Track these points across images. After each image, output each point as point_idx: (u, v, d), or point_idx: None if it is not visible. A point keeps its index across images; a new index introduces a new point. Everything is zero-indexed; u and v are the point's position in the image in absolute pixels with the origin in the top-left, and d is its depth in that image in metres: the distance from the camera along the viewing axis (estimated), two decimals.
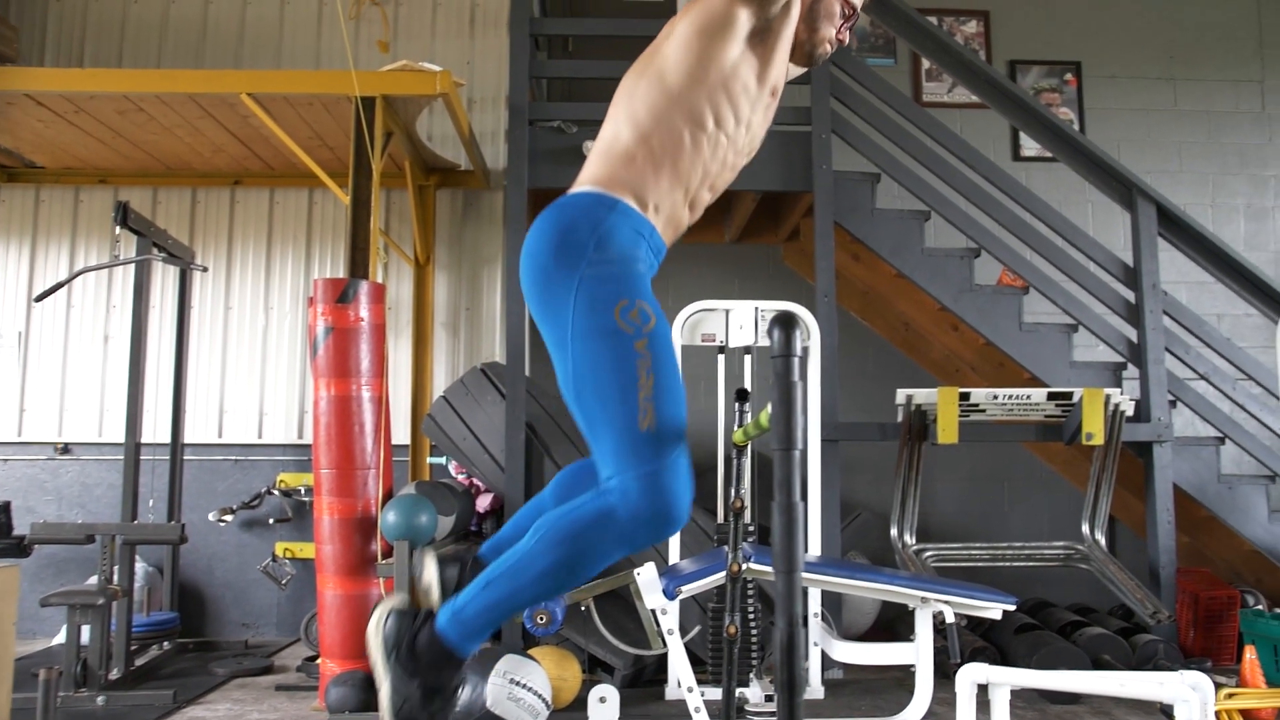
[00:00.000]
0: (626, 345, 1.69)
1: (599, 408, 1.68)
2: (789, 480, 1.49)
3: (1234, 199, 5.95)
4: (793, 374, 1.53)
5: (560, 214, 1.81)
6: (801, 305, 4.21)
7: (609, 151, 1.87)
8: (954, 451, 5.16)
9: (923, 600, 3.44)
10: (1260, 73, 6.09)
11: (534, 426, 4.28)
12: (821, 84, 4.39)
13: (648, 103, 1.85)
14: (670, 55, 1.86)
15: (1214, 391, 4.66)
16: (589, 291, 1.72)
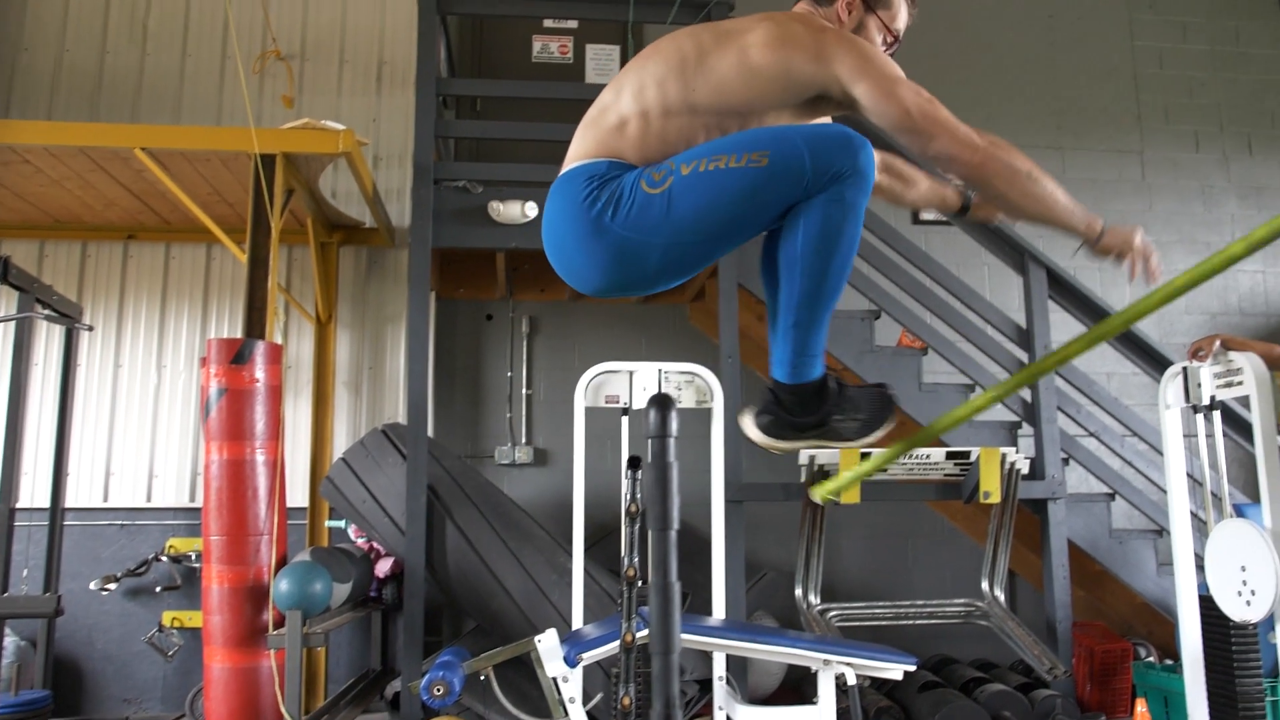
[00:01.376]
0: (681, 179, 1.68)
1: (746, 210, 1.68)
2: (665, 560, 1.48)
3: None
4: (668, 454, 1.52)
5: (561, 193, 1.82)
6: (707, 365, 4.25)
7: (601, 123, 1.84)
8: (858, 510, 5.22)
9: (825, 662, 3.44)
10: (1140, 144, 6.41)
11: (435, 488, 4.20)
12: None
13: (663, 95, 1.81)
14: (720, 74, 1.81)
15: (1104, 449, 4.82)
16: (626, 216, 1.71)
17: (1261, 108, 6.66)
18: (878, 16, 2.01)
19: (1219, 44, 6.68)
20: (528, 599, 4.15)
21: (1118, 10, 6.57)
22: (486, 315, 5.46)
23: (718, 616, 3.94)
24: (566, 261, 1.87)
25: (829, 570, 5.41)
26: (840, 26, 1.97)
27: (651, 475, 1.53)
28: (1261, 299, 6.38)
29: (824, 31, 1.86)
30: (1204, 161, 6.50)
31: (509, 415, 5.37)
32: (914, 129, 1.76)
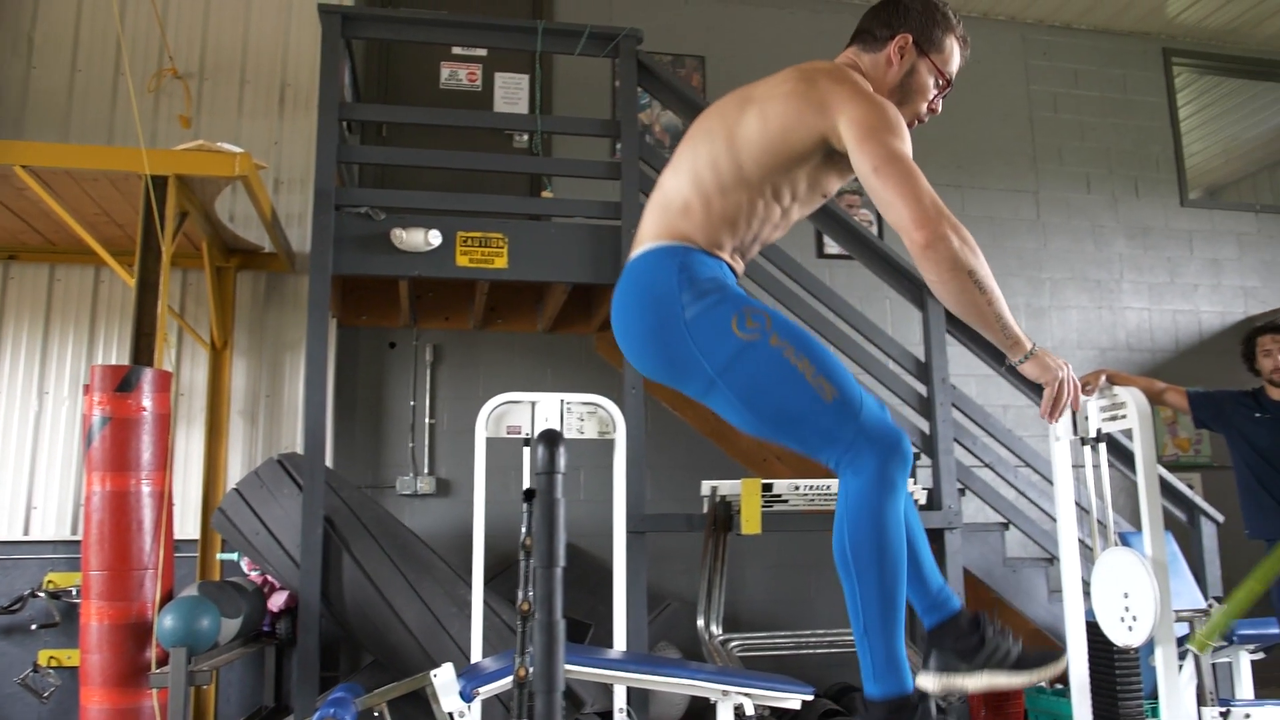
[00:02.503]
0: (764, 348, 1.74)
1: (786, 415, 1.74)
2: (550, 597, 1.46)
3: (1015, 298, 6.41)
4: (555, 491, 1.51)
5: (637, 277, 1.87)
6: (612, 395, 4.24)
7: (668, 207, 1.90)
8: (762, 540, 5.25)
9: (723, 693, 3.45)
10: (1035, 184, 6.65)
11: (332, 520, 4.10)
12: (631, 180, 4.49)
13: (717, 175, 1.87)
14: (750, 141, 1.86)
15: (999, 479, 4.94)
16: (701, 330, 1.76)
17: (1147, 153, 6.97)
18: (930, 60, 2.00)
19: (1108, 91, 6.99)
20: (426, 632, 4.07)
21: (1015, 55, 6.82)
22: (389, 343, 5.38)
23: (618, 648, 3.92)
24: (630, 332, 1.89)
25: (733, 600, 5.44)
26: (889, 70, 1.99)
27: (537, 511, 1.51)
28: (1148, 336, 6.64)
29: (839, 82, 1.87)
30: (1094, 202, 6.76)
31: (411, 445, 5.29)
32: (874, 184, 1.77)
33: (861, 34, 2.05)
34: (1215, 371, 6.30)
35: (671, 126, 5.98)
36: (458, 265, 4.31)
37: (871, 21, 2.04)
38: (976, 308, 1.73)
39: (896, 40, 1.98)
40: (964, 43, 2.07)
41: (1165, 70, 7.17)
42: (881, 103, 1.86)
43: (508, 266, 4.36)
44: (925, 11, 2.01)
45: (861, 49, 2.03)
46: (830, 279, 5.86)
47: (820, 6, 6.50)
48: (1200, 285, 6.86)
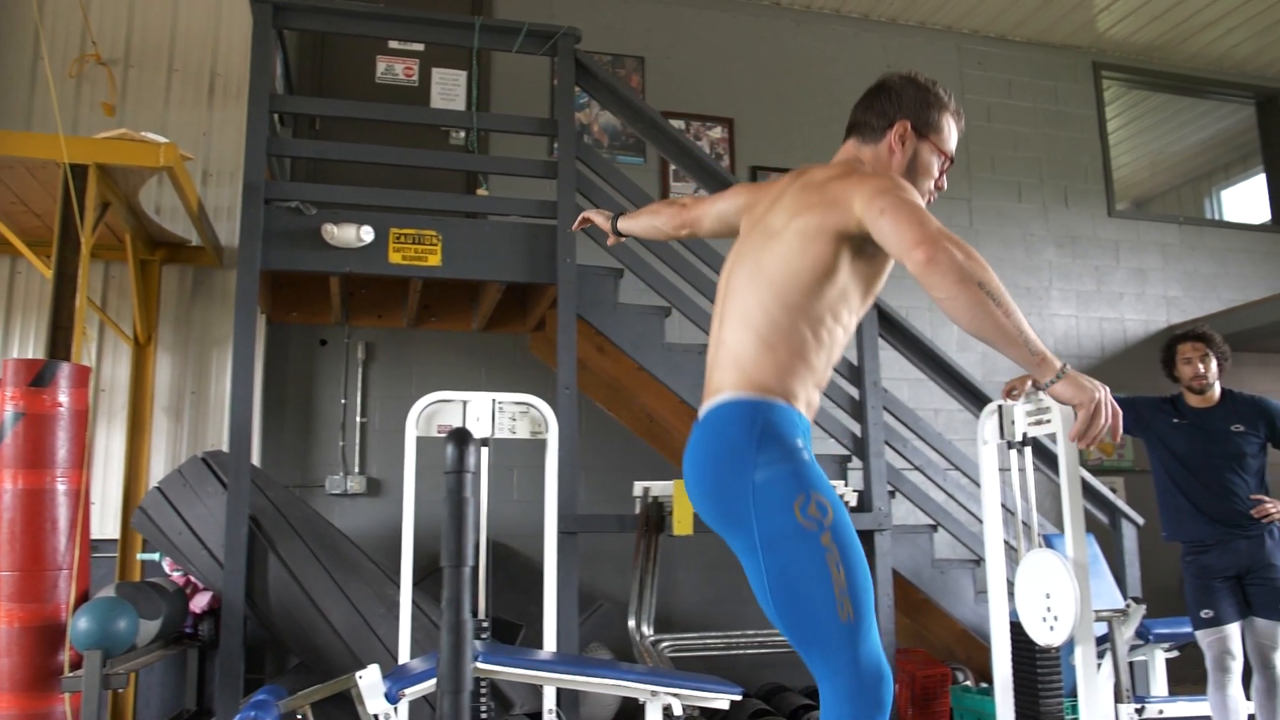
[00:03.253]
0: (813, 543, 1.73)
1: (798, 612, 1.74)
2: (458, 598, 1.44)
3: None
4: (465, 490, 1.49)
5: (714, 427, 1.86)
6: (547, 395, 4.22)
7: (739, 359, 1.88)
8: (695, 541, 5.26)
9: (652, 694, 3.45)
10: (969, 192, 6.76)
11: (258, 519, 4.03)
12: (567, 180, 4.48)
13: (773, 320, 1.86)
14: (789, 276, 1.86)
15: (928, 482, 5.01)
16: (765, 496, 1.76)
17: (1077, 163, 7.13)
18: (929, 142, 2.01)
19: (1040, 102, 7.13)
20: (353, 634, 4.01)
21: (950, 64, 6.93)
22: (320, 340, 5.30)
23: (548, 649, 3.90)
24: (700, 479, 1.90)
25: (666, 601, 5.44)
26: (893, 159, 1.99)
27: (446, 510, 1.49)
28: (1075, 342, 6.79)
29: (845, 177, 1.89)
30: (1025, 211, 6.90)
31: (342, 444, 5.21)
32: (880, 225, 1.76)
33: (858, 127, 2.06)
34: (1139, 378, 6.46)
35: (610, 126, 5.97)
36: (390, 262, 4.26)
37: (866, 114, 2.05)
38: (993, 321, 1.64)
39: (895, 129, 2.00)
40: (958, 117, 2.09)
41: (1095, 83, 7.34)
42: (886, 176, 1.89)
43: (441, 264, 4.32)
44: (918, 95, 2.03)
45: (861, 142, 2.05)
46: None
47: (761, 11, 6.55)
48: (1125, 294, 7.03)
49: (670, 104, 6.10)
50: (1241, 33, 7.17)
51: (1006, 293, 1.67)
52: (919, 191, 2.01)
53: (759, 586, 1.82)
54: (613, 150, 5.96)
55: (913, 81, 2.04)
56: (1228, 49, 7.41)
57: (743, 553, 1.85)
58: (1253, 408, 4.07)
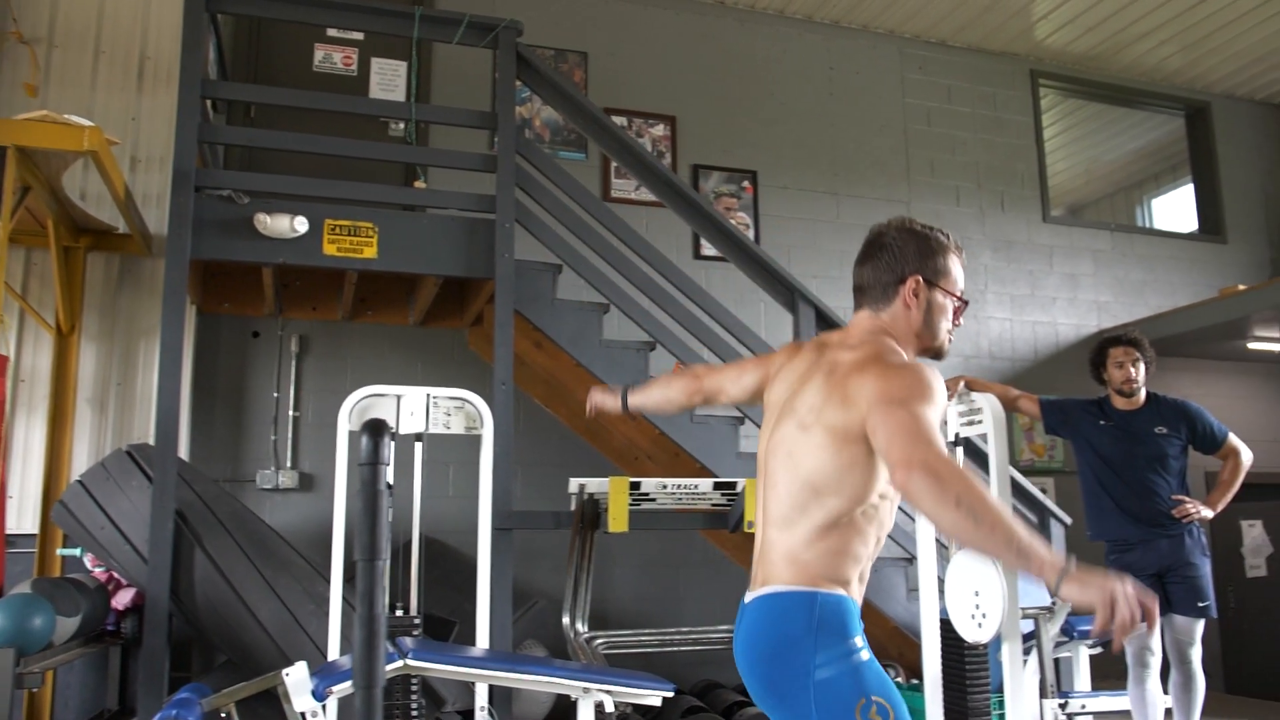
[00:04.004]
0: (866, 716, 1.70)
1: None
2: (371, 592, 1.42)
3: None
4: (379, 482, 1.46)
5: (769, 617, 1.83)
6: (484, 391, 4.19)
7: (791, 552, 1.84)
8: (631, 539, 5.27)
9: (584, 690, 3.44)
10: (908, 194, 6.85)
11: (185, 514, 3.94)
12: (506, 174, 4.44)
13: (817, 513, 1.83)
14: (826, 470, 1.82)
15: None
16: (827, 696, 1.72)
17: (1013, 169, 7.26)
18: (940, 288, 1.98)
19: (979, 108, 7.25)
20: (282, 630, 3.94)
21: (891, 68, 7.01)
22: (253, 332, 5.21)
23: (481, 646, 3.87)
24: (754, 669, 1.86)
25: (602, 599, 5.44)
26: (909, 315, 1.96)
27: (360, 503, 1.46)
28: (1009, 345, 6.91)
29: (863, 370, 1.84)
30: (963, 215, 7.01)
31: (274, 438, 5.12)
32: (883, 447, 1.73)
33: (867, 292, 2.02)
34: (1070, 380, 6.59)
35: (551, 122, 5.95)
36: (325, 254, 4.19)
37: (872, 276, 2.01)
38: (978, 540, 1.57)
39: (907, 285, 1.96)
40: (960, 253, 2.06)
41: (1033, 91, 7.48)
42: (902, 370, 1.82)
43: (377, 256, 4.26)
44: (920, 246, 1.99)
45: (874, 311, 2.00)
46: (706, 280, 5.90)
47: (705, 10, 6.57)
48: (1058, 298, 7.17)
49: (613, 100, 6.10)
50: (1172, 46, 7.35)
51: (987, 501, 1.58)
52: (937, 334, 2.00)
53: None
54: (554, 146, 5.94)
55: (910, 232, 2.02)
56: (1159, 61, 7.59)
57: None
58: (1176, 411, 4.17)
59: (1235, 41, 7.31)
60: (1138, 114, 8.30)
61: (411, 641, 3.52)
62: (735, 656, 1.96)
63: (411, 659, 3.30)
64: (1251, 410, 7.16)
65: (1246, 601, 6.62)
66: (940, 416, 1.75)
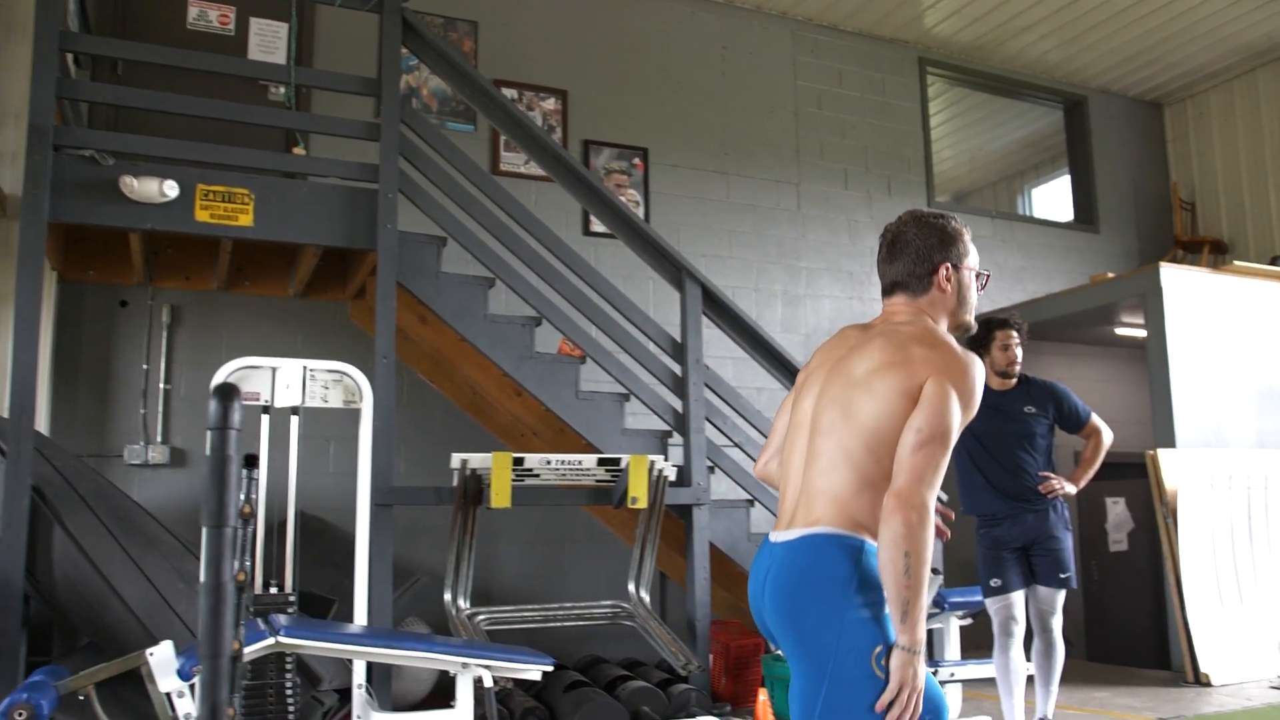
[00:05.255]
0: (878, 692, 1.82)
1: None
2: (217, 559, 1.37)
3: (774, 285, 6.68)
4: (228, 447, 1.41)
5: (814, 554, 1.94)
6: (367, 365, 4.10)
7: (839, 497, 1.97)
8: (516, 515, 5.23)
9: (463, 665, 3.42)
10: (797, 176, 6.94)
11: (43, 490, 3.76)
12: (390, 143, 4.34)
13: (872, 456, 1.97)
14: (877, 423, 1.98)
15: (747, 459, 5.12)
16: (851, 636, 1.86)
17: (900, 154, 7.42)
18: (965, 268, 2.17)
19: (868, 93, 7.38)
20: (149, 610, 3.80)
21: (784, 50, 7.08)
22: (120, 301, 4.98)
23: (359, 623, 3.81)
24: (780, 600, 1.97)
25: (487, 575, 5.40)
26: (944, 299, 2.15)
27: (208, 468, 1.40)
28: None
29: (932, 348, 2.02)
30: (851, 198, 7.13)
31: (143, 412, 4.92)
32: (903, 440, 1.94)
33: (901, 285, 2.19)
34: None
35: (440, 91, 5.83)
36: (197, 220, 4.04)
37: (904, 270, 2.18)
38: (896, 584, 1.84)
39: (940, 273, 2.14)
40: (967, 229, 2.25)
41: (920, 78, 7.64)
42: (964, 365, 2.02)
43: (254, 225, 4.13)
44: (942, 235, 2.17)
45: (911, 297, 2.17)
46: (595, 256, 5.89)
47: None
48: None
49: (503, 72, 6.01)
50: (1053, 40, 7.61)
51: (923, 569, 1.86)
52: (969, 309, 2.21)
53: (806, 708, 1.92)
54: (442, 116, 5.82)
55: (927, 225, 2.19)
56: (1041, 54, 7.84)
57: (803, 675, 1.95)
58: (1045, 392, 4.31)
59: (1111, 39, 7.59)
60: (1020, 105, 8.57)
61: (285, 619, 3.44)
62: (753, 589, 2.08)
63: (283, 636, 3.23)
64: (1116, 393, 7.49)
65: (1109, 574, 6.94)
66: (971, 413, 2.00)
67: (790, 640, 1.97)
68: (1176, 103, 8.72)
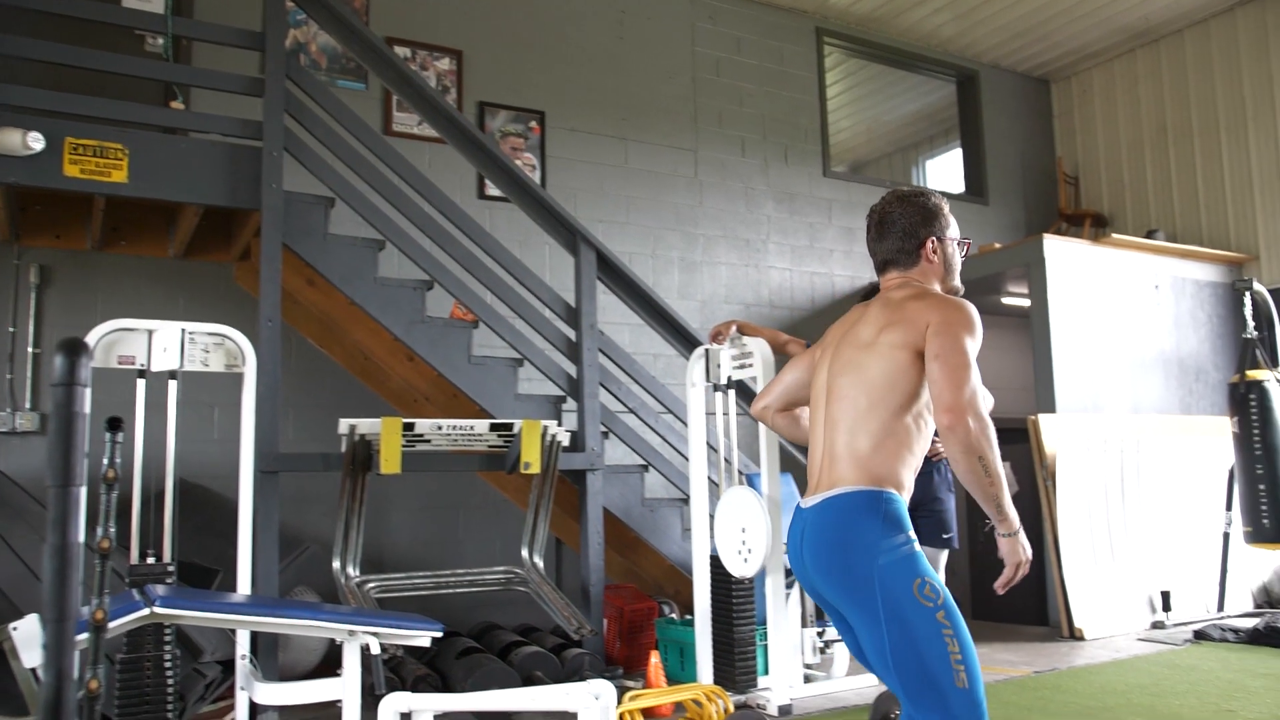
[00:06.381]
0: (931, 618, 2.02)
1: (922, 676, 2.02)
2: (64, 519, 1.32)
3: (671, 251, 6.70)
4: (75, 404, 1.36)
5: (841, 513, 2.15)
6: (253, 329, 3.98)
7: (858, 456, 2.18)
8: (410, 481, 5.18)
9: (350, 633, 3.37)
10: (694, 143, 6.95)
11: None
12: (275, 99, 4.20)
13: (879, 417, 2.19)
14: (887, 381, 2.19)
15: (642, 424, 5.15)
16: (889, 577, 2.05)
17: (797, 123, 7.49)
18: (948, 240, 2.40)
19: (766, 61, 7.41)
20: (15, 584, 3.66)
21: (682, 16, 7.06)
22: None
23: (242, 592, 3.72)
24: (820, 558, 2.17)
25: (380, 543, 5.33)
26: (933, 268, 2.37)
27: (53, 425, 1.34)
28: (788, 294, 7.18)
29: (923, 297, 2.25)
30: (748, 166, 7.18)
31: (10, 377, 4.69)
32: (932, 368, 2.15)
33: (892, 262, 2.41)
34: None
35: (330, 48, 5.65)
36: (66, 175, 3.85)
37: (893, 248, 2.40)
38: (980, 487, 2.07)
39: (927, 247, 2.36)
40: (946, 201, 2.45)
41: (817, 48, 7.71)
42: (959, 304, 2.23)
43: (128, 181, 3.95)
44: (925, 211, 2.38)
45: (903, 270, 2.39)
46: (490, 220, 5.82)
47: None
48: (835, 251, 7.49)
49: (396, 30, 5.86)
50: (946, 14, 7.75)
51: (998, 464, 2.08)
52: (955, 275, 2.42)
53: (878, 652, 2.09)
54: (332, 74, 5.65)
55: (910, 203, 2.40)
56: (934, 28, 7.99)
57: (863, 625, 2.11)
58: None
59: (1002, 14, 7.77)
60: (915, 78, 8.73)
61: (162, 589, 3.34)
62: (793, 557, 2.30)
63: (159, 606, 3.14)
64: (1002, 361, 7.74)
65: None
66: (979, 347, 2.18)
67: (840, 596, 2.16)
68: (1062, 80, 9.00)
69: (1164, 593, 5.95)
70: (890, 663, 2.07)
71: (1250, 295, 5.92)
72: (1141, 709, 3.97)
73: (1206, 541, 6.25)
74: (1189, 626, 5.77)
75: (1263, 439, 5.53)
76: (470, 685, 4.00)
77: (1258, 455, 5.54)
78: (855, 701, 4.27)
